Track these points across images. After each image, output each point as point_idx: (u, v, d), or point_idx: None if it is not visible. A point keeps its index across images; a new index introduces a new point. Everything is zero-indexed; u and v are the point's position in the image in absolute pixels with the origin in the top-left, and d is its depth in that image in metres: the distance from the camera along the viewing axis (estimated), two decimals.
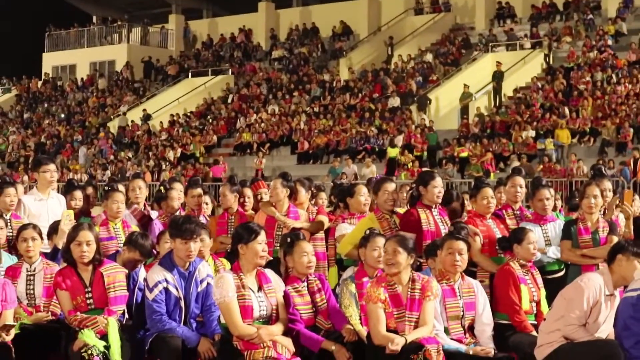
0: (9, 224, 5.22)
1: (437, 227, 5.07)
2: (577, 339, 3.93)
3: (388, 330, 3.89)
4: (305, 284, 4.36)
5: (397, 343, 3.77)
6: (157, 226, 5.83)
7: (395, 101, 23.89)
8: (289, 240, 4.47)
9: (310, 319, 4.31)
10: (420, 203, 5.22)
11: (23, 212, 5.69)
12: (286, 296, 4.24)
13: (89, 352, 4.05)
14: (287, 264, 4.36)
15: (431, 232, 4.98)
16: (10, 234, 5.03)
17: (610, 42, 23.25)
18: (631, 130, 18.49)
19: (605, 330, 4.01)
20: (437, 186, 5.23)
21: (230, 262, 4.72)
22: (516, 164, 17.14)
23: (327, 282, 4.65)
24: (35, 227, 4.81)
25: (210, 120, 27.04)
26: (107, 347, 4.12)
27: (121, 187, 6.52)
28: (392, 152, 20.88)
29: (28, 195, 6.12)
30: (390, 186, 5.47)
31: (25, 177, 20.41)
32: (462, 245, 4.30)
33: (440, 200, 5.35)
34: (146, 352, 4.36)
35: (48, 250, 5.13)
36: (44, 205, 5.82)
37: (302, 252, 4.29)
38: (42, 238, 4.87)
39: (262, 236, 4.13)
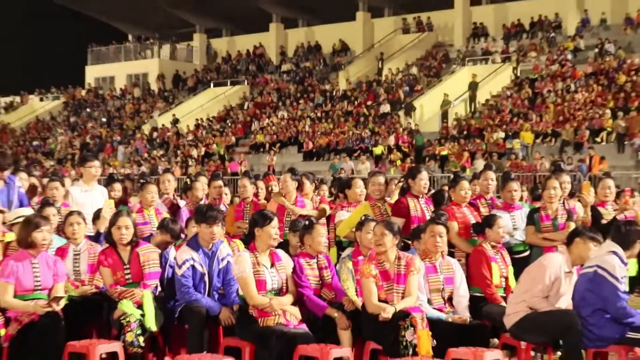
0: (59, 211, 5.20)
1: (423, 213, 5.02)
2: (540, 309, 3.90)
3: (379, 301, 3.87)
4: (316, 260, 4.32)
5: (388, 312, 3.74)
6: (185, 213, 5.74)
7: (386, 108, 23.84)
8: (307, 223, 4.47)
9: (317, 290, 4.28)
10: (409, 193, 5.19)
11: (71, 201, 5.62)
12: (299, 266, 4.22)
13: (127, 319, 3.99)
14: (305, 243, 4.33)
15: (418, 218, 4.94)
16: (60, 220, 5.00)
17: (569, 56, 23.40)
18: (587, 132, 18.66)
19: (565, 302, 3.96)
20: (423, 179, 5.21)
21: (245, 244, 4.67)
22: (481, 162, 17.38)
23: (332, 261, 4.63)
24: (79, 213, 4.74)
25: (229, 124, 27.24)
26: (143, 315, 4.07)
27: (153, 181, 6.49)
28: (377, 150, 21.25)
29: (75, 187, 6.05)
30: (378, 179, 5.42)
31: (73, 172, 20.34)
32: (442, 229, 4.27)
33: (425, 191, 5.33)
34: (176, 320, 4.31)
35: (92, 234, 5.08)
36: (89, 195, 5.75)
37: (319, 234, 4.29)
38: (86, 223, 4.81)
39: (275, 222, 4.13)
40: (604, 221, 5.51)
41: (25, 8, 36.51)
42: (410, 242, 4.64)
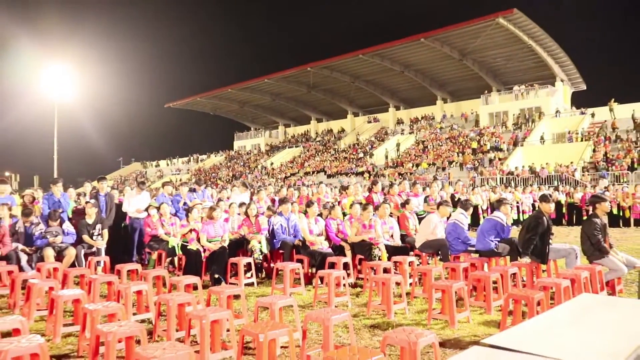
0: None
1: (376, 201, 9.91)
2: (429, 239, 8.59)
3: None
4: (336, 221, 9.08)
5: (356, 240, 8.47)
6: (276, 202, 10.75)
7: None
8: (331, 205, 9.36)
9: (335, 233, 8.97)
10: (372, 192, 10.15)
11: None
12: (328, 223, 8.95)
13: (254, 247, 8.67)
14: (332, 214, 9.17)
15: (374, 202, 9.72)
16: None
17: None
18: None
19: (440, 235, 8.70)
20: (377, 184, 10.11)
21: (304, 213, 9.44)
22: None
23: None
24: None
25: (295, 164, 36.28)
26: (261, 245, 8.69)
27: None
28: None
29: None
30: (357, 186, 10.34)
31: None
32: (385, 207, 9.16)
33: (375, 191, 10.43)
34: (276, 248, 8.93)
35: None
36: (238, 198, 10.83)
37: (337, 213, 9.15)
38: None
39: (315, 206, 9.05)
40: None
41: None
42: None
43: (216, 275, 8.15)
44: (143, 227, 9.87)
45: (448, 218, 8.83)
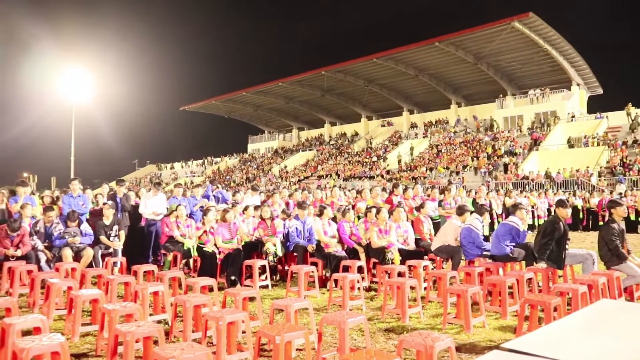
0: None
1: (394, 204, 9.92)
2: (446, 244, 8.58)
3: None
4: (350, 224, 9.11)
5: (380, 244, 8.51)
6: (291, 205, 10.77)
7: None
8: (345, 209, 9.38)
9: (349, 236, 8.95)
10: (392, 194, 10.16)
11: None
12: (341, 226, 8.96)
13: (269, 250, 8.66)
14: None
15: (392, 205, 9.80)
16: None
17: None
18: None
19: (454, 241, 8.69)
20: (398, 187, 10.20)
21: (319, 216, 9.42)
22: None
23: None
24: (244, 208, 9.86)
25: (307, 167, 44.75)
26: (275, 248, 8.73)
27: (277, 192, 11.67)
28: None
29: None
30: (376, 189, 10.40)
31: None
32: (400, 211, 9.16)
33: (397, 194, 10.43)
34: (290, 250, 8.94)
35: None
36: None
37: (350, 217, 9.18)
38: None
39: (329, 209, 9.07)
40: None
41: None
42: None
43: (232, 277, 8.19)
44: (160, 228, 9.95)
45: None
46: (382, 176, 37.79)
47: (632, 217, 17.96)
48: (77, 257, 8.68)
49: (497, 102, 44.42)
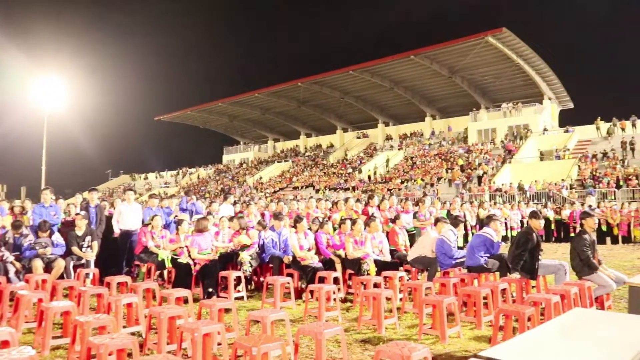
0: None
1: (370, 215, 9.95)
2: (423, 255, 8.65)
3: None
4: (326, 235, 9.09)
5: (356, 255, 8.54)
6: (267, 216, 10.73)
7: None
8: (322, 220, 9.37)
9: (325, 247, 8.95)
10: (367, 205, 10.20)
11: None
12: (318, 237, 8.95)
13: (243, 260, 8.65)
14: (323, 229, 9.18)
15: (367, 216, 9.83)
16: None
17: None
18: None
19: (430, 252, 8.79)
20: (372, 199, 10.24)
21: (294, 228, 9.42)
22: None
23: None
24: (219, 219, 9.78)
25: (283, 179, 46.73)
26: (251, 259, 8.69)
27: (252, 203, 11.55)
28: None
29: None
30: (351, 201, 10.45)
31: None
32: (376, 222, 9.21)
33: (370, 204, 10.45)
34: (266, 262, 8.89)
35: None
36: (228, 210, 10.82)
37: (328, 229, 9.18)
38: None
39: (305, 221, 9.04)
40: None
41: None
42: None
43: (210, 290, 8.11)
44: (137, 238, 9.80)
45: None
46: (356, 188, 37.94)
47: (603, 229, 18.37)
48: (48, 268, 8.49)
49: (471, 115, 45.15)
